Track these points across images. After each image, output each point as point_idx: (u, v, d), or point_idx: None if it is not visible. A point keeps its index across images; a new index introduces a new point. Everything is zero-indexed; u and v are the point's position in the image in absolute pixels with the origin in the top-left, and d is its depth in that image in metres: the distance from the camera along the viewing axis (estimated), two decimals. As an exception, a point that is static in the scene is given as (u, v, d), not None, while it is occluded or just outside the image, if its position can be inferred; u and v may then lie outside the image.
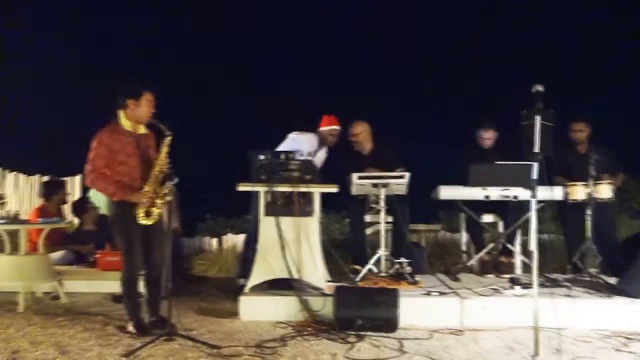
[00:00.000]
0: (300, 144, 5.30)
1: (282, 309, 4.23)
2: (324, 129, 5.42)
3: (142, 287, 4.00)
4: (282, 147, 5.24)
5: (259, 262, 4.40)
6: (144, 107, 3.87)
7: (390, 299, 3.95)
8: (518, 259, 5.26)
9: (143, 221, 3.77)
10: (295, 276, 4.25)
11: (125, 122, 3.90)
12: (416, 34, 8.71)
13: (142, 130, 3.96)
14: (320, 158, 5.50)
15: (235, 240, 7.53)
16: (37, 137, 9.31)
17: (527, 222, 3.64)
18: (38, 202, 7.70)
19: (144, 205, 3.78)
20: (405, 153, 5.47)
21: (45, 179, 7.71)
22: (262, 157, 4.40)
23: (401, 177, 4.79)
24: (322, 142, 5.47)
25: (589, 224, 4.77)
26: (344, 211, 7.80)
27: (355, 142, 5.45)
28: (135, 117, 3.89)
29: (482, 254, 5.26)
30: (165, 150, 3.81)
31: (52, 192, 6.29)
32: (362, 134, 5.44)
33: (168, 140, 3.80)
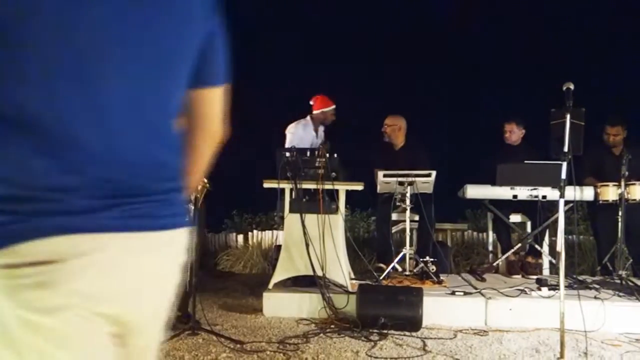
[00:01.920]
0: (302, 135, 5.30)
1: (305, 306, 4.24)
2: (325, 109, 5.38)
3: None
4: (289, 139, 5.24)
5: (283, 258, 4.42)
6: None
7: (414, 297, 3.93)
8: (545, 260, 5.18)
9: None
10: (319, 273, 4.26)
11: None
12: (445, 29, 8.62)
13: None
14: (321, 136, 5.48)
15: (261, 237, 7.57)
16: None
17: (556, 222, 3.58)
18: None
19: None
20: (432, 150, 5.43)
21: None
22: (287, 154, 4.42)
23: (427, 175, 4.76)
24: (320, 123, 5.42)
25: (620, 225, 4.66)
26: (370, 208, 7.80)
27: (385, 132, 5.43)
28: None
29: (509, 253, 5.20)
30: None
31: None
32: (392, 127, 5.41)
33: None
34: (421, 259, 4.75)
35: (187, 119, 1.19)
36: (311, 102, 5.42)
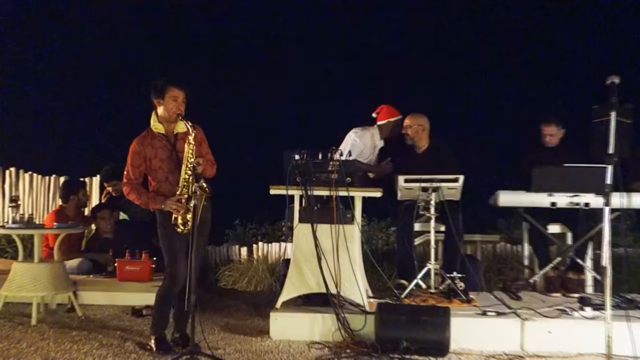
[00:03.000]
0: (365, 142, 5.37)
1: (317, 327, 4.24)
2: (392, 119, 5.46)
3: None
4: (347, 147, 5.26)
5: (292, 274, 4.43)
6: (168, 104, 3.99)
7: (440, 318, 3.92)
8: (588, 276, 5.14)
9: (180, 229, 3.92)
10: (333, 291, 4.25)
11: (156, 125, 4.05)
12: (481, 28, 8.70)
13: (180, 128, 4.05)
14: (376, 155, 5.57)
15: (267, 250, 7.59)
16: (53, 134, 9.58)
17: (600, 233, 3.55)
18: (54, 204, 7.95)
19: (178, 212, 3.90)
20: (460, 153, 5.43)
21: (62, 179, 7.89)
22: (296, 157, 4.43)
23: (454, 180, 4.74)
24: (385, 135, 5.52)
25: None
26: (390, 218, 7.79)
27: (406, 134, 5.44)
28: (164, 116, 4.03)
29: (547, 269, 5.17)
30: (189, 149, 3.91)
31: (70, 193, 6.43)
32: (415, 128, 5.41)
33: (191, 139, 3.91)
34: (448, 275, 4.73)
35: None
36: (374, 114, 5.52)
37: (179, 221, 3.91)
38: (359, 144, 5.35)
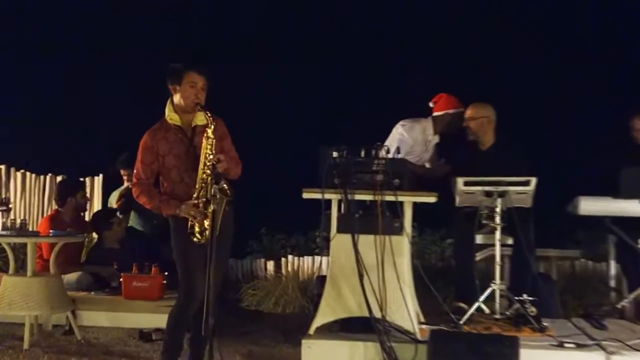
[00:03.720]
0: (414, 136, 5.37)
1: (358, 358, 4.22)
2: (450, 111, 5.47)
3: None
4: (393, 143, 5.26)
5: (328, 294, 4.42)
6: (185, 91, 4.02)
7: (506, 349, 3.87)
8: (691, 301, 5.04)
9: (197, 239, 3.94)
10: (377, 315, 4.24)
11: (172, 115, 4.09)
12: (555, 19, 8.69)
13: (199, 120, 4.08)
14: (430, 153, 5.59)
15: (298, 265, 7.60)
16: (49, 127, 9.76)
17: None
18: (49, 208, 8.09)
19: (195, 219, 3.93)
20: (532, 152, 5.37)
21: (59, 178, 8.02)
22: (334, 154, 4.42)
23: (525, 184, 4.68)
24: (441, 129, 5.53)
25: None
26: (446, 228, 7.73)
27: (467, 127, 5.41)
28: (180, 105, 4.08)
29: (639, 292, 5.08)
30: (207, 144, 3.93)
31: (67, 194, 6.53)
32: (479, 120, 5.36)
33: (210, 132, 3.93)
34: (516, 298, 4.68)
35: None
36: (431, 103, 5.55)
37: (196, 229, 3.94)
38: (408, 139, 5.34)
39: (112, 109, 9.68)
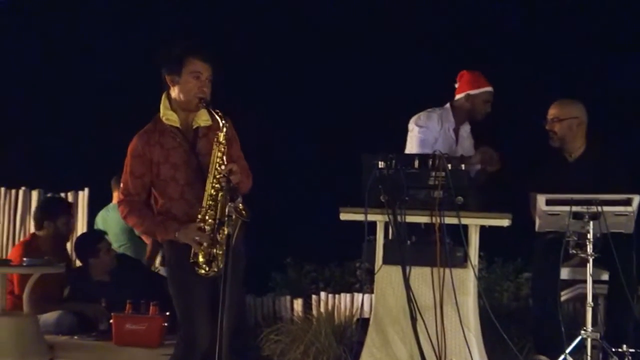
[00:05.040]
0: (432, 126, 5.37)
1: None
2: (473, 92, 5.42)
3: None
4: (413, 147, 5.27)
5: (372, 342, 4.45)
6: (187, 83, 4.01)
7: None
8: None
9: (204, 271, 3.92)
10: (433, 367, 4.25)
11: (168, 113, 4.06)
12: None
13: (202, 120, 4.09)
14: (466, 145, 5.54)
15: (333, 304, 7.58)
16: (24, 131, 9.84)
17: None
18: (22, 231, 8.14)
19: (199, 246, 3.91)
20: (634, 162, 5.34)
21: (35, 194, 8.07)
22: (380, 164, 4.44)
23: (625, 203, 4.65)
24: (466, 117, 5.51)
25: None
26: (522, 258, 7.68)
27: (551, 131, 5.38)
28: (180, 101, 4.05)
29: None
30: (218, 151, 3.93)
31: (44, 217, 6.58)
32: (565, 122, 5.33)
33: (222, 136, 3.92)
34: (613, 349, 4.64)
35: None
36: (456, 84, 5.55)
37: (200, 259, 3.92)
38: (426, 134, 5.29)
39: (101, 107, 9.74)
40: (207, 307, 3.90)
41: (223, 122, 3.93)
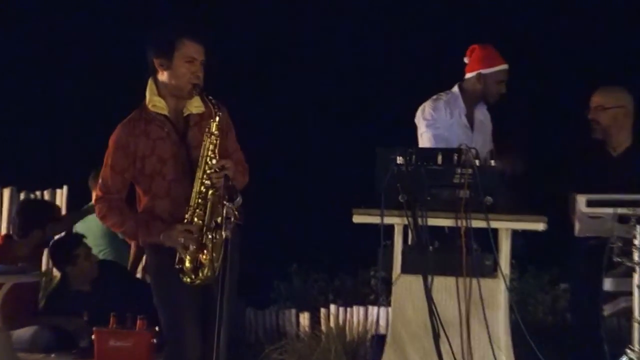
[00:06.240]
0: (440, 116, 5.30)
1: None
2: (485, 71, 5.35)
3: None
4: (426, 141, 5.25)
5: (389, 359, 4.44)
6: (180, 67, 4.00)
7: None
8: None
9: (189, 279, 3.89)
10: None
11: (156, 100, 4.04)
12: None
13: (195, 107, 4.07)
14: (485, 130, 5.50)
15: (345, 318, 7.59)
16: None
17: None
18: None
19: (186, 250, 3.89)
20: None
21: (7, 193, 8.09)
22: (399, 160, 4.43)
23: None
24: (478, 99, 5.45)
25: None
26: (558, 267, 7.67)
27: (593, 122, 5.36)
28: (170, 86, 4.03)
29: None
30: (209, 143, 3.92)
31: (34, 226, 6.54)
32: (609, 112, 5.32)
33: (214, 125, 3.90)
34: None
35: None
36: (466, 59, 5.44)
37: (187, 264, 3.88)
38: (437, 128, 5.21)
39: (79, 97, 9.77)
40: (197, 319, 3.90)
41: (216, 109, 3.91)
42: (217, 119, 3.91)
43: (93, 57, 9.55)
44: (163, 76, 4.03)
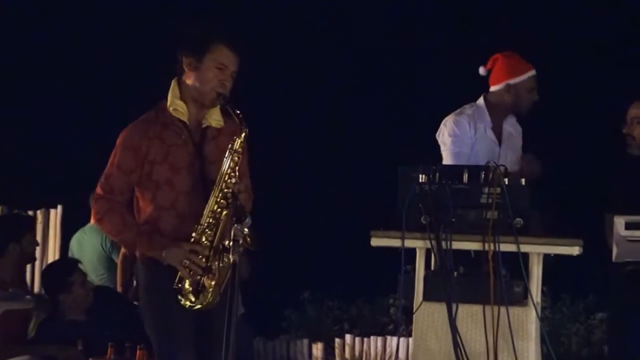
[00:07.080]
0: (464, 131, 5.26)
1: None
2: (512, 81, 5.34)
3: None
4: (448, 159, 5.25)
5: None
6: (209, 71, 3.98)
7: None
8: None
9: (189, 302, 3.88)
10: None
11: (178, 104, 4.01)
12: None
13: (214, 119, 4.05)
14: (515, 145, 5.46)
15: (362, 349, 7.61)
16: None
17: None
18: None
19: (188, 271, 3.87)
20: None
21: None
22: (421, 178, 4.44)
23: None
24: (506, 111, 5.42)
25: None
26: (594, 296, 7.67)
27: (629, 136, 5.37)
28: (194, 90, 4.01)
29: None
30: (231, 161, 3.92)
31: (9, 239, 6.59)
32: None
33: (239, 142, 3.90)
34: None
35: None
36: (482, 71, 5.41)
37: (186, 286, 3.87)
38: (460, 145, 5.17)
39: (78, 111, 9.83)
40: (191, 345, 3.88)
41: (243, 125, 3.89)
42: (243, 135, 3.89)
43: (87, 76, 9.61)
44: (189, 79, 3.98)
